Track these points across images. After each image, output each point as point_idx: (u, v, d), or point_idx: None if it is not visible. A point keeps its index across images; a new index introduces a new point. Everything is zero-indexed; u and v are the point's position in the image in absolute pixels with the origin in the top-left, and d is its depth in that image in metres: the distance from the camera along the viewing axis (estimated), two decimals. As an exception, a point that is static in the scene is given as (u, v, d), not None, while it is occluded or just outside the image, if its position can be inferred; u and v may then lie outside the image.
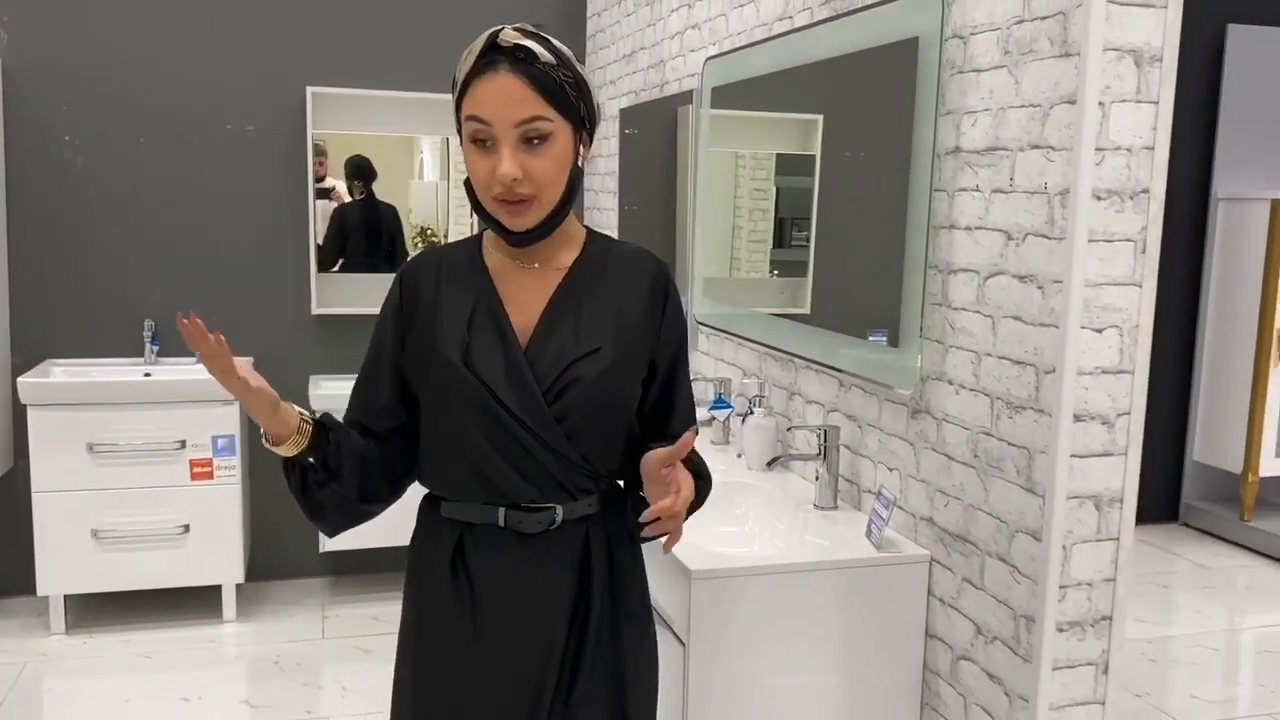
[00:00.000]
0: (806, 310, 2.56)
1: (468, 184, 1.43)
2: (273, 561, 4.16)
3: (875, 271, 2.15)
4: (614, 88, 4.01)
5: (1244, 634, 4.14)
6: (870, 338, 2.20)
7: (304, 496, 1.49)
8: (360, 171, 4.13)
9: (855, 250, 2.28)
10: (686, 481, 1.33)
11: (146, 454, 3.66)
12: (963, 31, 1.89)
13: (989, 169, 1.82)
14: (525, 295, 1.47)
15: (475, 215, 1.43)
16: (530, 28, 1.39)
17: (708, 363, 3.13)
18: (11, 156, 3.78)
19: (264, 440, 1.43)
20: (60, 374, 3.81)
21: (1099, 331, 1.64)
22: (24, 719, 3.16)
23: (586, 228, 1.53)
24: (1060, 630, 1.70)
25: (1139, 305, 1.65)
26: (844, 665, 1.99)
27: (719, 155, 3.05)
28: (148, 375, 3.82)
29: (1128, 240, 1.64)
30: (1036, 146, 1.70)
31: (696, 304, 3.18)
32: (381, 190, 4.19)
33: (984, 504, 1.85)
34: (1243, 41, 5.02)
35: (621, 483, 1.53)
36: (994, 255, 1.81)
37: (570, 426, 1.42)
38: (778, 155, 2.89)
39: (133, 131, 3.89)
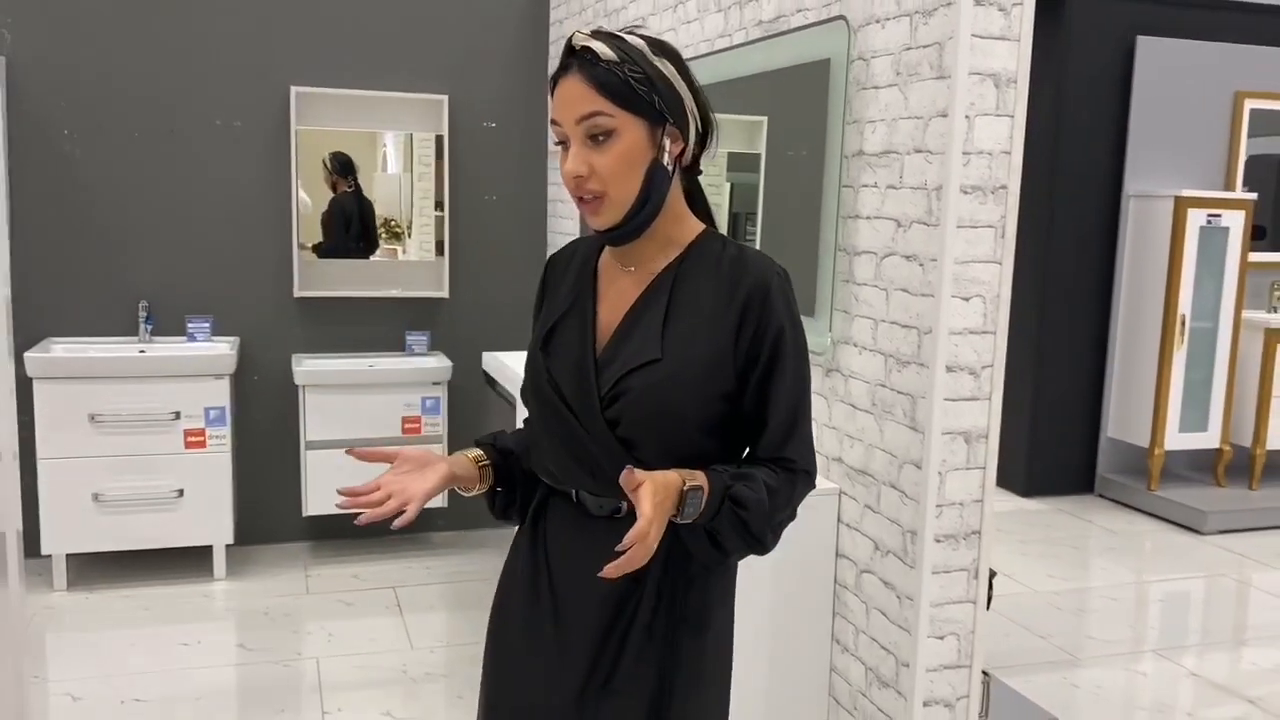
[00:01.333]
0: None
1: None
2: (259, 525, 4.49)
3: (801, 255, 2.55)
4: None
5: (1141, 587, 4.61)
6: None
7: (503, 518, 1.60)
8: (344, 167, 4.47)
9: (790, 238, 2.67)
10: (645, 509, 1.26)
11: (143, 424, 3.98)
12: (865, 55, 2.28)
13: (884, 169, 2.22)
14: (617, 298, 1.48)
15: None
16: (606, 29, 1.40)
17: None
18: (14, 148, 4.08)
19: (457, 489, 1.53)
20: (60, 350, 4.11)
21: (966, 300, 2.04)
22: (36, 667, 3.47)
23: (707, 228, 1.49)
24: (938, 541, 2.10)
25: (999, 278, 2.06)
26: (771, 583, 2.38)
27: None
28: (142, 352, 4.13)
29: (989, 226, 2.04)
30: (919, 150, 2.10)
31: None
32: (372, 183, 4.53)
33: (880, 443, 2.25)
34: (1151, 52, 5.48)
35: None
36: (888, 239, 2.21)
37: (626, 433, 1.41)
38: (729, 154, 3.26)
39: (128, 126, 4.20)
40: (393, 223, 4.65)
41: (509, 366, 3.80)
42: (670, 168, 1.40)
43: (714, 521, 1.37)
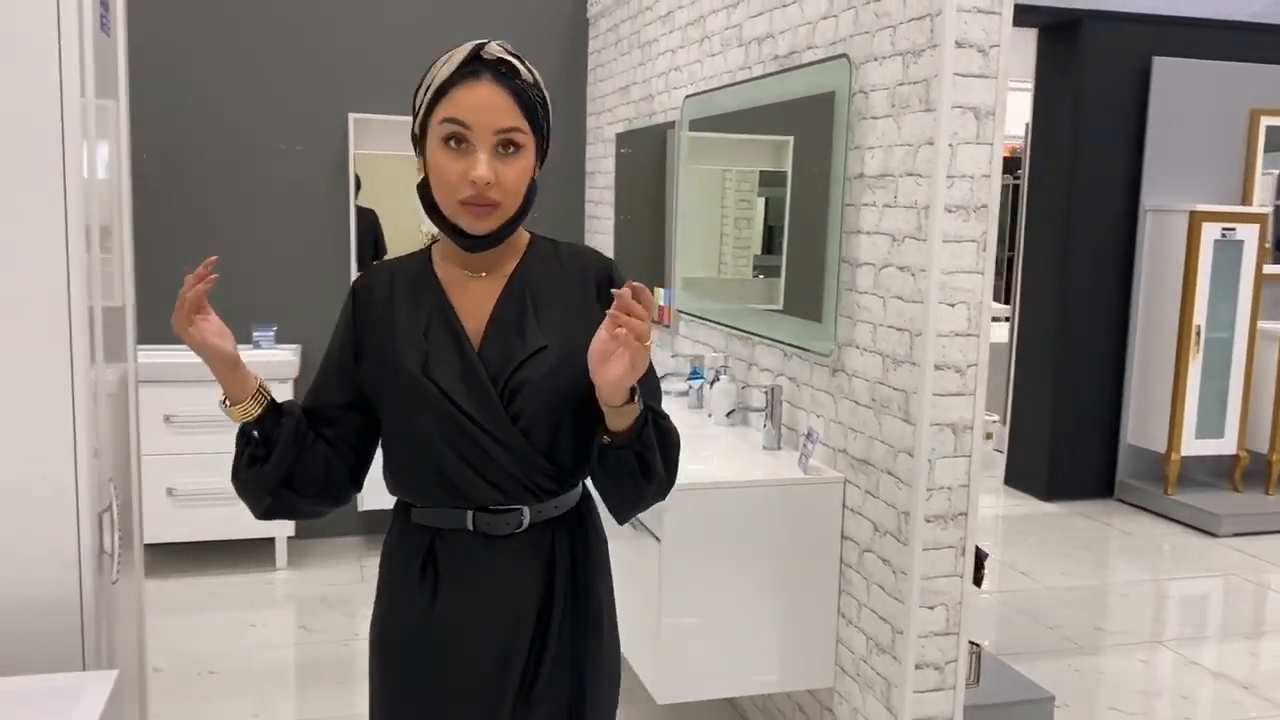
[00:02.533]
0: (780, 305, 3.17)
1: (423, 187, 1.49)
2: (315, 521, 4.82)
3: (812, 266, 2.82)
4: (611, 114, 4.69)
5: (1152, 585, 4.81)
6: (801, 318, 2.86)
7: (236, 467, 1.53)
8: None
9: (805, 252, 2.94)
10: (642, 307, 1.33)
11: (214, 425, 4.32)
12: (865, 89, 2.56)
13: (881, 190, 2.49)
14: (475, 303, 1.51)
15: (431, 220, 1.49)
16: (509, 46, 1.47)
17: (686, 344, 3.79)
18: (99, 172, 4.45)
19: (222, 403, 1.49)
20: (141, 358, 4.46)
21: (952, 306, 2.31)
22: (120, 639, 3.82)
23: (530, 233, 1.59)
24: (928, 521, 2.36)
25: (981, 286, 2.32)
26: (782, 561, 2.65)
27: (705, 173, 3.71)
28: (212, 359, 4.48)
29: (972, 241, 2.30)
30: (911, 174, 2.37)
31: (678, 299, 3.84)
32: (391, 198, 4.85)
33: (879, 435, 2.51)
34: (1166, 72, 5.69)
35: (587, 481, 1.59)
36: (885, 252, 2.48)
37: (526, 425, 1.47)
38: (761, 171, 3.50)
39: (201, 150, 4.56)
40: (439, 237, 4.97)
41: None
42: (537, 184, 1.50)
43: (643, 433, 1.42)
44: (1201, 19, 5.75)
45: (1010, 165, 7.77)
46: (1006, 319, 6.78)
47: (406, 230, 4.90)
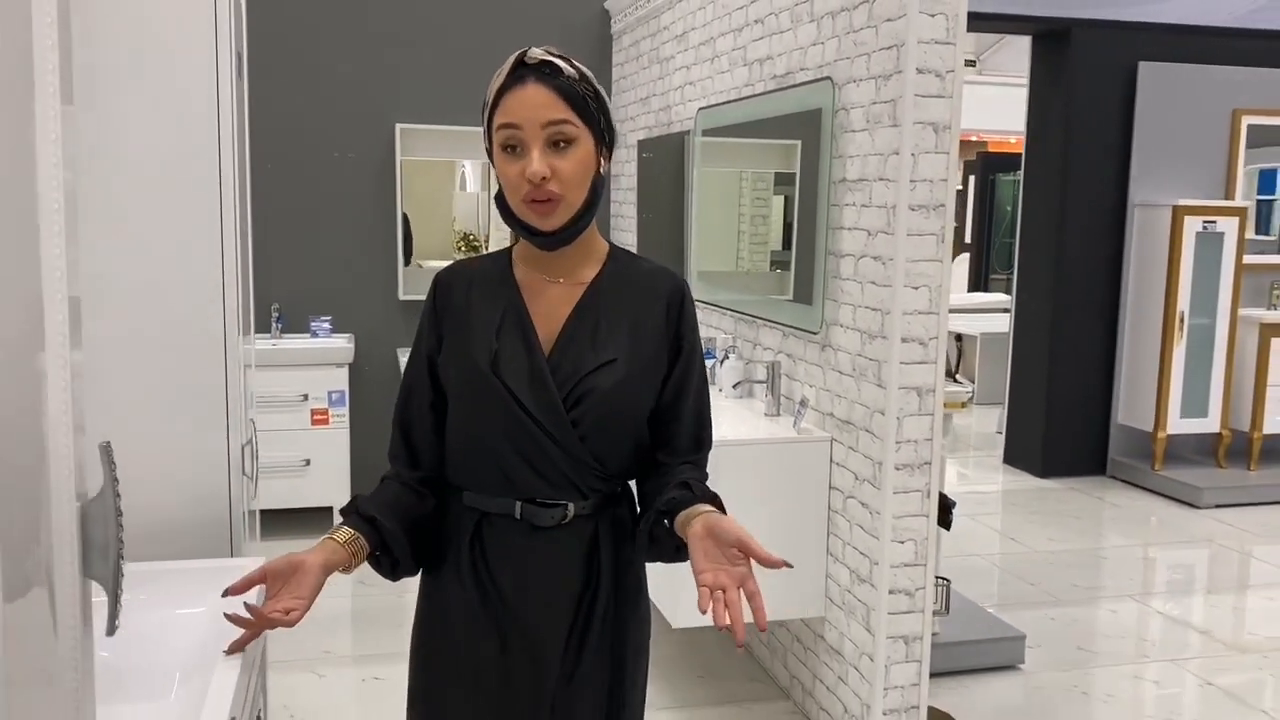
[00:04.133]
0: (790, 295, 3.59)
1: (499, 197, 1.53)
2: (370, 489, 5.32)
3: (807, 258, 3.28)
4: (633, 123, 5.16)
5: (1130, 549, 5.23)
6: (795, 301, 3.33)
7: (394, 576, 1.61)
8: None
9: (805, 245, 3.40)
10: (755, 546, 1.44)
11: (277, 404, 4.84)
12: (846, 106, 3.02)
13: (859, 192, 2.95)
14: (549, 308, 1.55)
15: (508, 225, 1.53)
16: (554, 49, 1.50)
17: (701, 329, 4.25)
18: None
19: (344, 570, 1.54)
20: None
21: (915, 289, 2.76)
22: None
23: (610, 244, 1.63)
24: (897, 469, 2.82)
25: (941, 272, 2.77)
26: (780, 507, 3.11)
27: (719, 176, 4.17)
28: (274, 345, 4.99)
29: (932, 235, 2.76)
30: (882, 179, 2.83)
31: (695, 289, 4.31)
32: (425, 201, 5.34)
33: (858, 399, 2.97)
34: (1152, 76, 6.10)
35: (631, 483, 1.65)
36: (862, 245, 2.94)
37: (584, 431, 1.52)
38: (776, 173, 3.93)
39: (262, 157, 5.07)
40: (471, 237, 5.47)
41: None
42: (604, 178, 1.53)
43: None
44: (1184, 25, 6.15)
45: (1016, 163, 8.16)
46: (1006, 310, 7.21)
47: (438, 229, 5.39)
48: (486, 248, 5.43)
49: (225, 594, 1.46)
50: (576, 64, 1.51)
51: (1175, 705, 3.55)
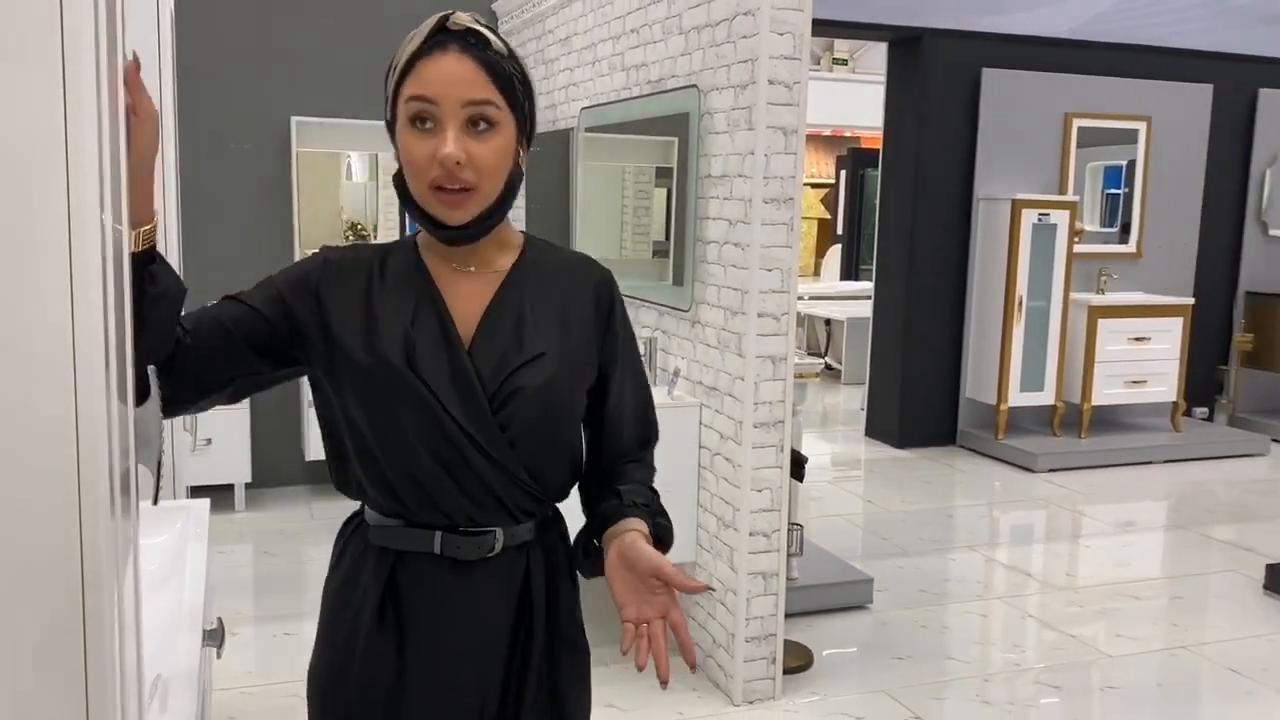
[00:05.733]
0: (669, 280, 3.99)
1: (398, 177, 1.34)
2: (268, 471, 5.56)
3: (681, 245, 3.69)
4: (520, 118, 5.49)
5: (973, 508, 5.82)
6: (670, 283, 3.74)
7: (137, 308, 1.16)
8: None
9: (679, 233, 3.80)
10: (666, 568, 1.31)
11: (180, 387, 5.03)
12: (710, 111, 3.43)
13: (722, 186, 3.37)
14: (465, 300, 1.38)
15: (407, 212, 1.37)
16: (481, 18, 1.32)
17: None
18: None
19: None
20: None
21: (769, 271, 3.19)
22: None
23: (524, 233, 1.47)
24: (755, 428, 3.25)
25: (790, 257, 3.21)
26: (658, 466, 3.50)
27: (606, 169, 4.54)
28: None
29: (783, 224, 3.19)
30: (740, 175, 3.25)
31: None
32: (315, 191, 5.58)
33: (723, 368, 3.39)
34: (994, 82, 6.71)
35: (560, 506, 1.49)
36: (724, 233, 3.36)
37: (514, 436, 1.34)
38: (657, 168, 4.31)
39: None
40: (359, 226, 5.72)
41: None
42: (522, 170, 1.37)
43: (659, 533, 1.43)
44: (1023, 36, 6.78)
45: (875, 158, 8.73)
46: (868, 297, 7.78)
47: (326, 218, 5.63)
48: (375, 236, 5.69)
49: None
50: (503, 38, 1.34)
51: (1003, 633, 4.09)
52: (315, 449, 5.37)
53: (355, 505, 1.48)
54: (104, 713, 0.83)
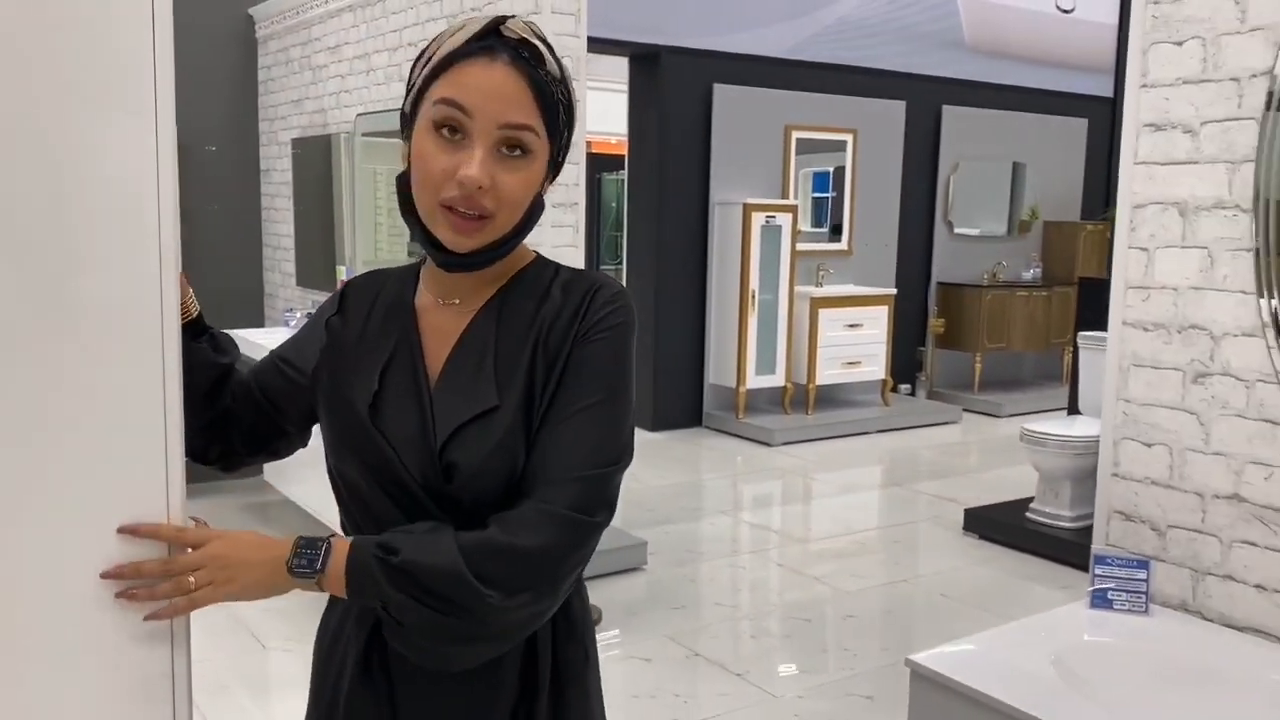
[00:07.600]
0: None
1: (402, 180, 1.19)
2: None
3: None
4: (285, 121, 5.59)
5: (720, 479, 6.47)
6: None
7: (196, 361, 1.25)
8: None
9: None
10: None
11: None
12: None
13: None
14: (439, 339, 1.23)
15: (408, 226, 1.20)
16: (536, 26, 1.18)
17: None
18: None
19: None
20: None
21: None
22: None
23: (542, 259, 1.29)
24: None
25: (578, 256, 3.61)
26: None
27: (368, 172, 4.76)
28: None
29: (569, 226, 3.59)
30: (529, 182, 3.62)
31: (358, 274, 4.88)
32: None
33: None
34: (724, 96, 7.40)
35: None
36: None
37: (466, 497, 1.16)
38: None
39: None
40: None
41: (249, 337, 4.98)
42: (543, 202, 1.22)
43: (367, 582, 1.10)
44: (747, 54, 7.52)
45: (618, 163, 9.31)
46: (617, 290, 8.31)
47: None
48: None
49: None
50: (559, 59, 1.19)
51: (757, 580, 4.69)
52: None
53: None
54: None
